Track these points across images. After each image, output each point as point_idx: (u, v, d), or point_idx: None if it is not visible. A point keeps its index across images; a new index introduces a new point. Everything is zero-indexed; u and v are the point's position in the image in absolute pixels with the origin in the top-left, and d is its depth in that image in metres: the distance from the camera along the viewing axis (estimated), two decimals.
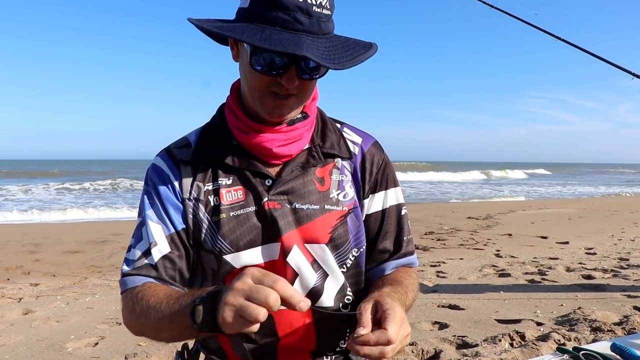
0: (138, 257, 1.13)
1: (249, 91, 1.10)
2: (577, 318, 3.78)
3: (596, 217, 11.40)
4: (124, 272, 1.14)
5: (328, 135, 1.24)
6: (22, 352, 3.54)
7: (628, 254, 6.68)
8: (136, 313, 1.06)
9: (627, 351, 1.45)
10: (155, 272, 1.12)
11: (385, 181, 1.28)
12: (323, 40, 1.00)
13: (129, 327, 1.14)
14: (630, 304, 4.23)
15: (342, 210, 1.20)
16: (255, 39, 0.95)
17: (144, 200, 1.19)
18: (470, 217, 11.47)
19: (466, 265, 6.16)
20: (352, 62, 1.00)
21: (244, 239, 1.13)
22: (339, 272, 1.20)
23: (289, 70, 1.02)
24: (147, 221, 1.15)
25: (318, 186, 1.19)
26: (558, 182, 33.08)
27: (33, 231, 9.71)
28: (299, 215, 1.15)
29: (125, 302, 1.11)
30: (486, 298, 4.63)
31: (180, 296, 1.00)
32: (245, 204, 1.14)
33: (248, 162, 1.15)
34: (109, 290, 5.35)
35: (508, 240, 8.18)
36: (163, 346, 3.48)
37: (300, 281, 1.15)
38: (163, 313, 0.99)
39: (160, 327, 1.02)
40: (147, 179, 1.20)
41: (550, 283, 5.18)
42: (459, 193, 22.26)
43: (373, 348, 0.89)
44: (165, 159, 1.20)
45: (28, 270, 6.38)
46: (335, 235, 1.18)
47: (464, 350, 3.20)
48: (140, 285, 1.11)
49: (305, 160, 1.19)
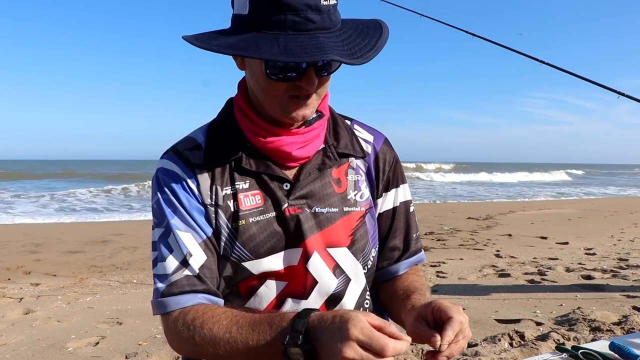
0: (173, 270, 1.06)
1: (267, 99, 1.05)
2: (577, 318, 3.79)
3: (596, 218, 11.40)
4: (161, 290, 1.05)
5: (341, 134, 1.21)
6: (23, 351, 3.55)
7: (627, 255, 6.69)
8: (195, 342, 0.99)
9: (625, 350, 1.46)
10: (202, 284, 1.06)
11: (397, 179, 1.28)
12: (337, 34, 0.97)
13: (179, 351, 1.09)
14: (629, 304, 4.24)
15: (361, 211, 1.19)
16: (275, 53, 0.90)
17: (163, 208, 1.10)
18: (470, 217, 11.47)
19: (466, 266, 6.16)
20: (374, 52, 0.96)
21: (265, 246, 1.10)
22: (362, 275, 1.19)
23: (308, 72, 0.98)
24: (175, 231, 1.07)
25: (335, 188, 1.17)
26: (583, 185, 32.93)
27: (34, 231, 9.72)
28: (319, 220, 1.13)
29: (176, 329, 1.03)
30: (486, 298, 4.63)
31: (254, 325, 0.95)
32: (265, 210, 1.11)
33: (265, 165, 1.11)
34: (109, 290, 5.36)
35: (508, 241, 8.19)
36: (163, 345, 3.48)
37: (319, 288, 1.13)
38: (237, 345, 0.95)
39: (231, 356, 0.97)
40: (161, 185, 1.11)
41: (550, 283, 5.19)
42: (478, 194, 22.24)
43: (456, 342, 0.91)
44: (177, 162, 1.12)
45: (29, 270, 6.38)
46: (356, 238, 1.17)
47: (464, 350, 3.21)
48: (190, 308, 1.04)
49: (322, 162, 1.16)
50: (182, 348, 1.05)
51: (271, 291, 1.13)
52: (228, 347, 0.96)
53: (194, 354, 1.04)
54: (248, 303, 1.14)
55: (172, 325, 1.04)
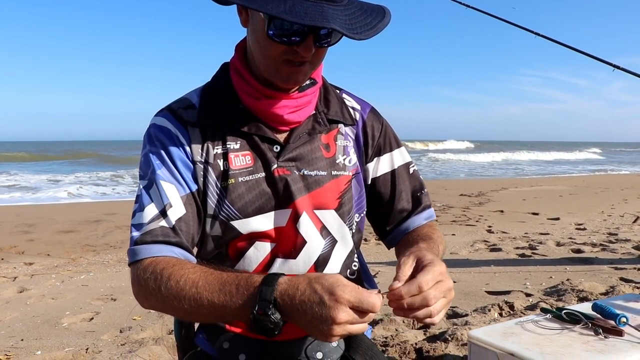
0: (150, 219, 1.06)
1: (262, 59, 1.07)
2: (565, 289, 3.85)
3: (587, 194, 11.50)
4: (135, 238, 1.05)
5: (331, 102, 1.24)
6: (18, 327, 3.58)
7: (617, 229, 6.76)
8: (160, 293, 0.98)
9: (607, 309, 1.50)
10: (175, 237, 1.06)
11: (389, 143, 1.30)
12: (342, 8, 0.98)
13: (143, 303, 1.06)
14: (617, 276, 4.30)
15: (349, 175, 1.21)
16: (280, 11, 0.92)
17: (150, 160, 1.11)
18: (463, 194, 11.54)
19: (458, 241, 6.22)
20: (374, 31, 0.99)
21: (253, 206, 1.12)
22: (349, 237, 1.21)
23: (307, 39, 1.00)
24: (159, 181, 1.08)
25: (324, 152, 1.19)
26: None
27: (26, 212, 9.69)
28: (307, 182, 1.15)
29: (143, 277, 1.01)
30: (477, 272, 4.69)
31: (222, 285, 0.94)
32: (255, 170, 1.13)
33: (257, 127, 1.14)
34: (103, 269, 5.38)
35: (500, 217, 8.26)
36: (157, 319, 3.52)
37: (308, 248, 1.15)
38: (202, 302, 0.94)
39: (195, 313, 0.97)
40: (152, 139, 1.13)
41: (541, 257, 5.25)
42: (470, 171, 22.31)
43: (410, 300, 0.87)
44: (171, 119, 1.14)
45: (22, 250, 6.39)
46: (343, 201, 1.19)
47: (454, 320, 3.26)
48: (160, 258, 1.03)
49: (312, 127, 1.19)
50: (148, 299, 1.03)
51: (260, 252, 1.14)
52: (193, 303, 0.95)
53: (158, 306, 1.03)
54: (237, 265, 1.15)
55: (141, 274, 1.02)
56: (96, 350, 3.05)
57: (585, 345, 1.37)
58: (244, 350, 1.16)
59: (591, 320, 1.48)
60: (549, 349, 1.35)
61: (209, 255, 1.18)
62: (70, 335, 3.37)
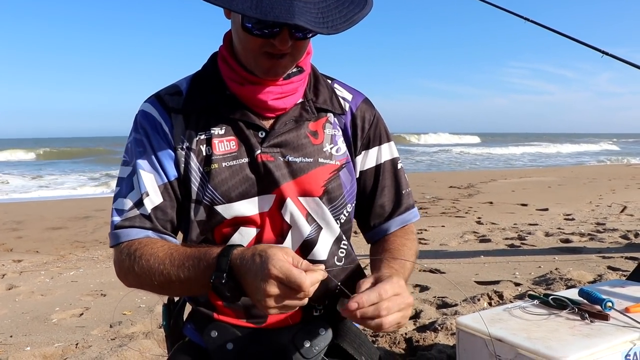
0: (129, 207, 1.12)
1: (242, 51, 1.09)
2: (554, 278, 3.88)
3: (575, 185, 11.59)
4: (115, 223, 1.12)
5: (321, 91, 1.24)
6: (7, 324, 3.55)
7: (605, 219, 6.82)
8: (135, 272, 1.06)
9: (593, 295, 1.51)
10: (150, 223, 1.12)
11: (379, 137, 1.29)
12: (316, 0, 0.97)
13: (124, 282, 1.14)
14: (604, 264, 4.35)
15: (335, 164, 1.21)
16: (245, 8, 0.92)
17: (133, 148, 1.16)
18: (452, 186, 11.58)
19: (447, 232, 6.25)
20: (346, 25, 0.97)
21: (237, 190, 1.13)
22: (334, 224, 1.21)
23: (282, 32, 1.00)
24: (139, 170, 1.13)
25: (312, 139, 1.19)
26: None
27: (14, 209, 9.61)
28: (292, 168, 1.16)
29: (120, 258, 1.10)
30: (467, 262, 4.72)
31: (185, 259, 1.01)
32: (238, 155, 1.14)
33: (242, 113, 1.15)
34: (93, 264, 5.35)
35: (489, 208, 8.30)
36: (147, 314, 3.51)
37: (292, 233, 1.16)
38: (169, 277, 1.02)
39: (167, 287, 1.05)
40: (137, 126, 1.17)
41: (529, 247, 5.29)
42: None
43: (362, 311, 0.89)
44: (156, 105, 1.17)
45: (10, 248, 6.33)
46: (329, 189, 1.19)
47: (444, 310, 3.28)
48: (136, 240, 1.10)
49: (299, 114, 1.19)
50: (127, 278, 1.11)
51: (244, 238, 1.15)
52: (162, 279, 1.03)
53: (135, 284, 1.11)
54: None
55: (119, 255, 1.11)
56: (86, 345, 3.04)
57: (572, 330, 1.39)
58: (232, 339, 1.17)
59: (578, 305, 1.50)
60: (536, 334, 1.37)
61: (195, 242, 1.18)
62: (59, 331, 3.35)
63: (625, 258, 4.55)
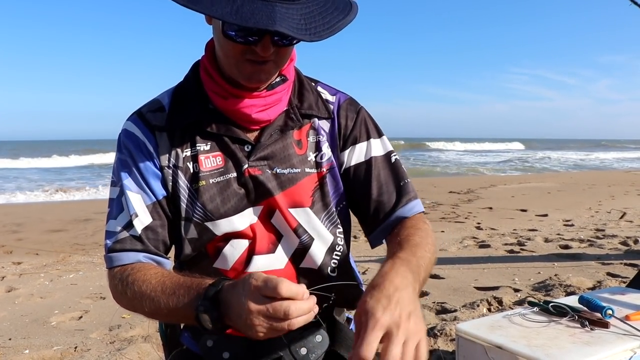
0: (120, 229, 1.11)
1: (224, 58, 1.07)
2: (553, 284, 3.89)
3: (575, 191, 11.59)
4: (108, 247, 1.12)
5: (305, 96, 1.21)
6: (6, 327, 3.55)
7: (604, 225, 6.83)
8: (127, 296, 1.06)
9: (593, 302, 1.51)
10: (141, 245, 1.11)
11: (366, 132, 1.25)
12: (298, 7, 0.95)
13: (119, 304, 1.13)
14: (604, 271, 4.35)
15: (321, 172, 1.19)
16: (225, 13, 0.89)
17: (119, 169, 1.15)
18: (452, 191, 11.59)
19: (447, 238, 6.25)
20: (329, 32, 0.95)
21: (226, 206, 1.12)
22: (326, 234, 1.20)
23: (264, 38, 0.98)
24: (126, 191, 1.12)
25: (296, 149, 1.17)
26: None
27: (15, 211, 9.61)
28: (280, 180, 1.14)
29: (114, 282, 1.10)
30: (466, 268, 4.72)
31: (176, 288, 0.99)
32: (225, 171, 1.13)
33: (226, 128, 1.13)
34: (92, 267, 5.35)
35: (489, 214, 8.30)
36: (146, 318, 3.50)
37: (284, 242, 1.16)
38: (159, 305, 1.00)
39: (157, 314, 1.05)
40: (121, 146, 1.16)
41: (529, 253, 5.29)
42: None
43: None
44: (139, 124, 1.15)
45: (10, 250, 6.33)
46: (315, 199, 1.18)
47: (443, 315, 3.28)
48: (128, 265, 1.09)
49: (284, 124, 1.17)
50: (120, 301, 1.11)
51: (236, 250, 1.15)
52: (152, 306, 1.02)
53: (129, 307, 1.10)
54: (215, 263, 1.16)
55: (112, 280, 1.11)
56: (85, 348, 3.04)
57: (571, 338, 1.39)
58: (228, 348, 1.16)
59: (577, 312, 1.50)
60: (536, 342, 1.37)
61: (187, 258, 1.18)
62: (58, 334, 3.35)
63: (624, 264, 4.56)
